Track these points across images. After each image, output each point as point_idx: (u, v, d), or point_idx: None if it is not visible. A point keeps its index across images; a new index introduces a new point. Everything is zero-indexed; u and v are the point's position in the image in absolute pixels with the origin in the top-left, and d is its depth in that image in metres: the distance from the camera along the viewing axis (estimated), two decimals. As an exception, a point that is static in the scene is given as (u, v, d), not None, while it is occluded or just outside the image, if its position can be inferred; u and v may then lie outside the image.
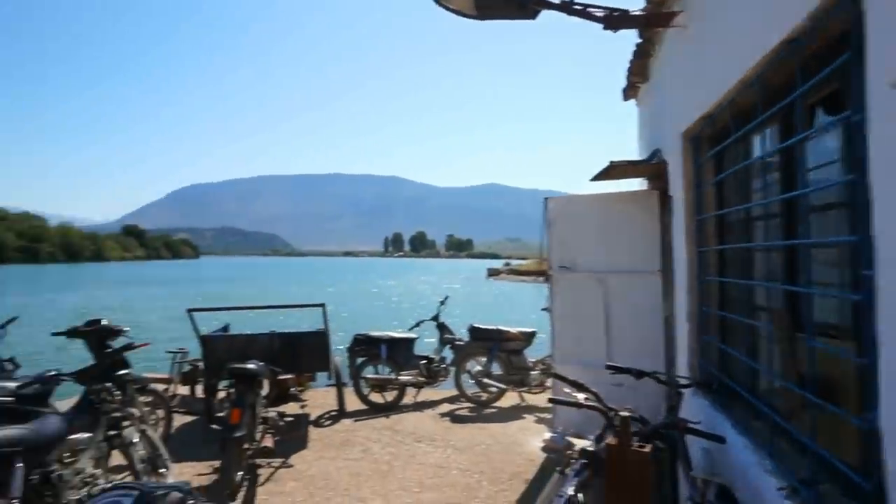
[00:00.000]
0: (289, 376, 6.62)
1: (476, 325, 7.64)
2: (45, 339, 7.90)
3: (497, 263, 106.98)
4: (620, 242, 5.06)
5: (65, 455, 3.59)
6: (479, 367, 7.51)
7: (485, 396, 7.47)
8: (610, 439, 2.64)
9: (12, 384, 4.36)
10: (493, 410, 7.22)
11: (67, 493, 3.30)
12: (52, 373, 4.25)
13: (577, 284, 5.25)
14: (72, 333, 4.72)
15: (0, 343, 5.35)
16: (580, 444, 5.15)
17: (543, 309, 6.89)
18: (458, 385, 7.52)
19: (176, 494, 1.55)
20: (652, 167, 4.52)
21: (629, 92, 5.91)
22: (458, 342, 7.79)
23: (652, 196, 4.96)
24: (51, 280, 57.89)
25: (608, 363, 3.40)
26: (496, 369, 7.47)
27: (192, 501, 1.56)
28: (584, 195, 5.41)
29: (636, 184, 5.90)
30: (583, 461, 2.82)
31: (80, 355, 5.60)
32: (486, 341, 7.48)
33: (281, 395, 6.75)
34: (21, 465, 3.01)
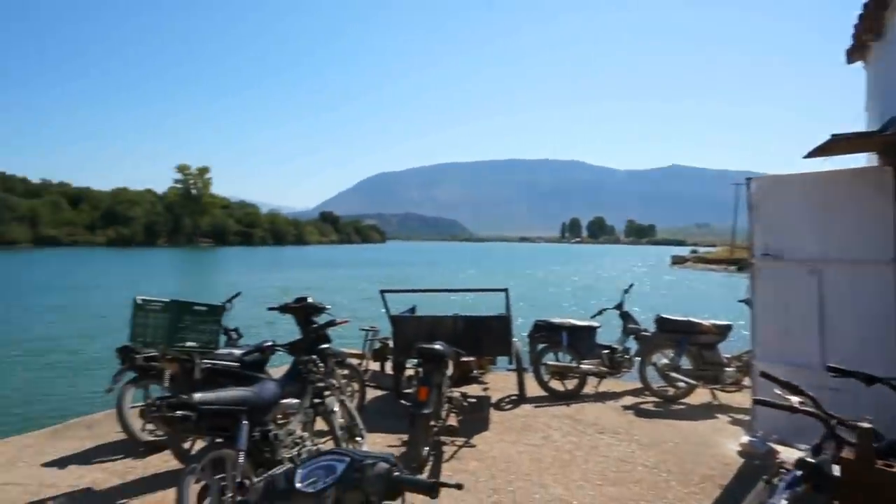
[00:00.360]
0: (471, 359, 6.80)
1: (664, 316, 7.20)
2: (258, 312, 8.93)
3: (682, 250, 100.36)
4: (841, 228, 4.42)
5: (278, 417, 4.00)
6: (665, 360, 7.09)
7: (672, 391, 7.04)
8: (846, 452, 2.30)
9: (238, 352, 5.00)
10: (681, 407, 6.79)
11: (281, 451, 3.68)
12: (269, 343, 4.79)
13: (785, 274, 4.70)
14: (283, 309, 5.26)
15: (226, 315, 6.05)
16: (786, 451, 4.63)
17: (741, 301, 6.29)
18: (643, 378, 7.17)
19: (383, 465, 1.62)
20: (886, 139, 3.87)
21: (855, 53, 5.12)
22: (643, 333, 7.42)
23: (884, 173, 4.26)
24: (262, 261, 65.50)
25: (830, 365, 2.98)
26: (685, 363, 6.99)
27: (397, 473, 1.62)
28: (795, 174, 4.81)
29: (862, 160, 5.12)
30: (798, 473, 2.51)
31: (285, 329, 6.24)
32: (675, 333, 7.02)
33: (463, 376, 6.96)
34: (246, 422, 3.39)
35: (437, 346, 5.07)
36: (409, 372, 6.97)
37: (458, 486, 1.67)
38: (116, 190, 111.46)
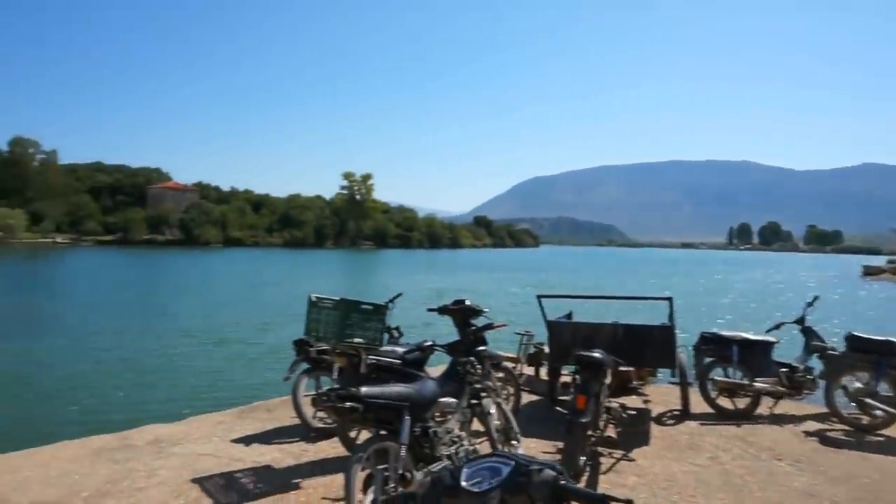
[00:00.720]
0: (630, 369, 6.51)
1: (857, 334, 6.36)
2: (415, 313, 9.26)
3: (877, 260, 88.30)
4: None
5: (436, 415, 4.11)
6: (859, 385, 6.26)
7: (866, 420, 6.21)
8: None
9: (399, 349, 5.21)
10: (880, 439, 5.95)
11: (440, 448, 3.77)
12: (429, 343, 4.95)
13: None
14: (442, 310, 5.40)
15: (388, 314, 6.33)
16: None
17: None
18: (830, 402, 6.38)
19: (550, 472, 1.58)
20: None
21: None
22: (830, 352, 6.62)
23: None
24: (418, 263, 68.14)
25: None
26: (884, 389, 6.12)
27: (564, 481, 1.57)
28: None
29: None
30: None
31: (441, 330, 6.41)
32: (871, 354, 6.18)
33: (621, 386, 6.67)
34: (408, 417, 3.52)
35: (596, 354, 4.91)
36: (565, 379, 6.84)
37: (629, 502, 1.58)
38: (291, 196, 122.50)
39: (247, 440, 5.44)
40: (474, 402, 4.41)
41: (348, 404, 3.37)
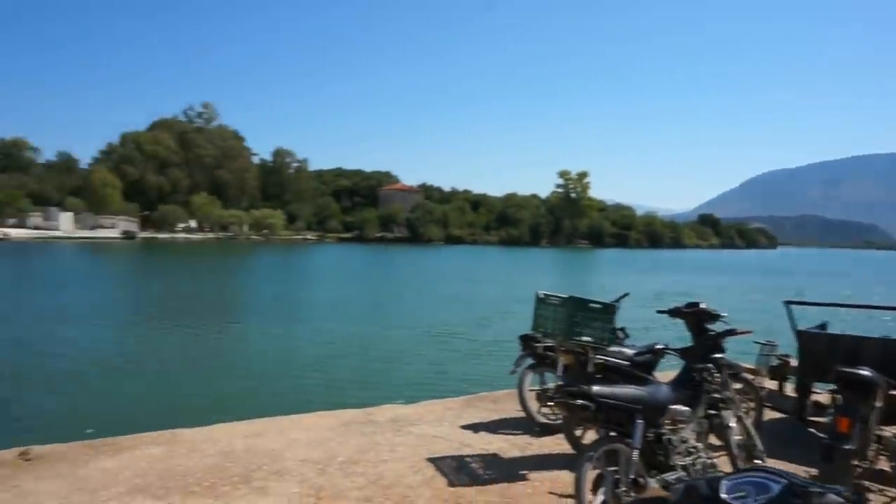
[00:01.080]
0: (905, 392, 5.50)
1: None
2: (635, 314, 8.88)
3: None
4: None
5: (667, 423, 3.90)
6: None
7: None
8: None
9: (628, 351, 5.04)
10: None
11: (675, 457, 3.58)
12: (661, 346, 4.71)
13: None
14: (673, 313, 5.08)
15: (615, 315, 6.13)
16: None
17: None
18: None
19: (835, 498, 1.41)
20: None
21: None
22: None
23: None
24: (636, 263, 65.32)
25: None
26: None
27: (857, 511, 1.38)
28: None
29: None
30: None
31: (661, 333, 6.04)
32: None
33: (893, 414, 5.69)
34: (641, 421, 3.40)
35: (865, 371, 4.24)
36: (817, 397, 6.03)
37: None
38: (507, 195, 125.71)
39: (474, 427, 5.70)
40: (712, 412, 4.10)
41: (579, 402, 3.35)
